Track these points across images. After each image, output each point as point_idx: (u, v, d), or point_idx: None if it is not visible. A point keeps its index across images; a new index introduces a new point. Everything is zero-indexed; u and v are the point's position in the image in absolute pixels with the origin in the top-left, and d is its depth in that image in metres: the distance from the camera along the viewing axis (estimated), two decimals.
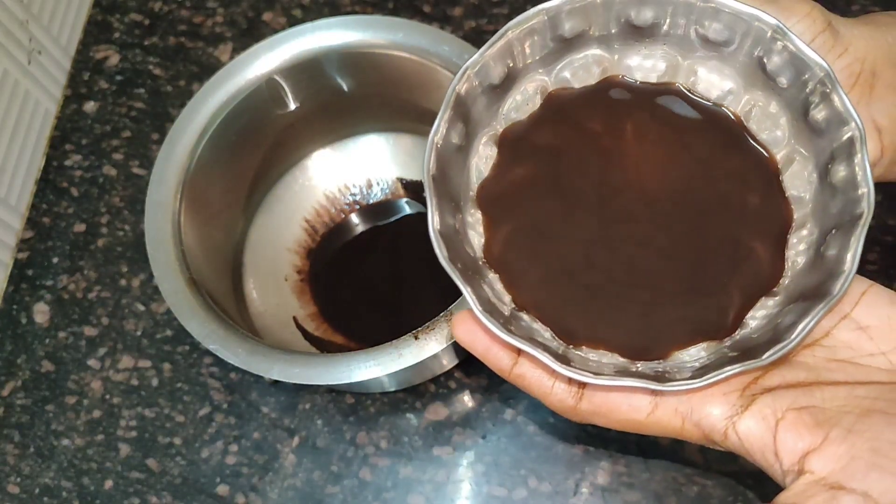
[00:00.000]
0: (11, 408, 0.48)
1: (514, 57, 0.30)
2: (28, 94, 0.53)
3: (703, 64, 0.31)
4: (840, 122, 0.28)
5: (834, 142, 0.28)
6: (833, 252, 0.27)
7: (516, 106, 0.32)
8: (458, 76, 0.29)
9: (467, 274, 0.28)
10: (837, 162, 0.28)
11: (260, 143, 0.48)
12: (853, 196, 0.27)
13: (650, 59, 0.31)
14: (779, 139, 0.30)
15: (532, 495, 0.44)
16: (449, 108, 0.29)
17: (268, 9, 0.57)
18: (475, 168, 0.31)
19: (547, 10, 0.30)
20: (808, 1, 0.30)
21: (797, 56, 0.28)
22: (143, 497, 0.46)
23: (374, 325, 0.48)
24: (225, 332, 0.39)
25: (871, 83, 0.30)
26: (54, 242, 0.52)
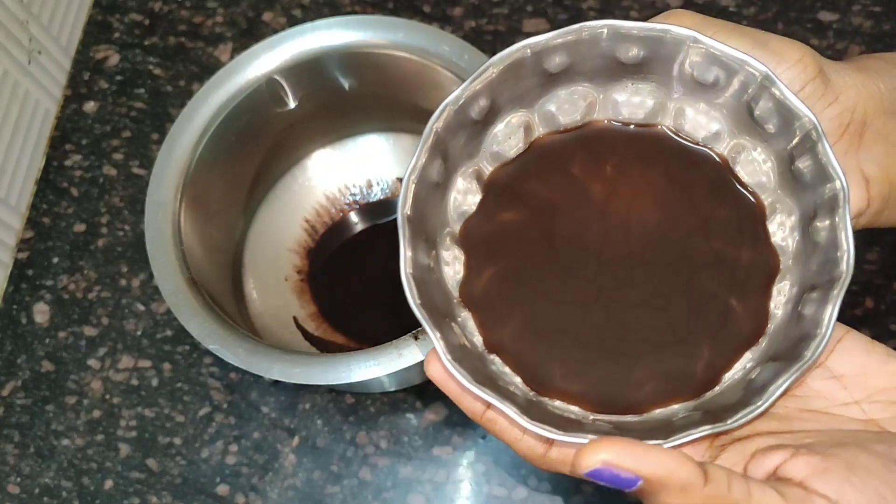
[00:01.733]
0: (11, 408, 0.48)
1: (497, 92, 0.30)
2: (28, 94, 0.53)
3: (690, 104, 0.30)
4: (825, 177, 0.27)
5: (818, 196, 0.27)
6: (810, 312, 0.27)
7: (498, 140, 0.31)
8: (437, 113, 0.28)
9: (437, 317, 0.27)
10: (820, 217, 0.27)
11: (260, 143, 0.48)
12: (833, 256, 0.27)
13: (638, 96, 0.31)
14: (764, 185, 0.30)
15: (532, 495, 0.44)
16: (427, 146, 0.28)
17: (268, 9, 0.57)
18: (453, 202, 0.30)
19: (531, 45, 0.29)
20: (801, 46, 0.29)
21: (785, 105, 0.28)
22: (143, 497, 0.46)
23: (374, 325, 0.48)
24: (225, 332, 0.39)
25: (860, 132, 0.30)
26: (54, 242, 0.52)
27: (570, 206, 0.30)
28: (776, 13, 0.53)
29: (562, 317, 0.29)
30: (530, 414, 0.26)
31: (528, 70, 0.30)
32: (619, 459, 0.23)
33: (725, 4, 0.54)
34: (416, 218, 0.28)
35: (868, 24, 0.53)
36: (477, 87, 0.29)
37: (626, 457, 0.23)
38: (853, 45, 0.52)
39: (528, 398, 0.28)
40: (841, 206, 0.27)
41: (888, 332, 0.45)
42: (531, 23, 0.55)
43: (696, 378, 0.28)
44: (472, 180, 0.31)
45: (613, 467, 0.23)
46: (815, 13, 0.53)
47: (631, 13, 0.54)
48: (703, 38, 0.28)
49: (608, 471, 0.23)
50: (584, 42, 0.29)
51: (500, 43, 0.54)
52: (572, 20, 0.54)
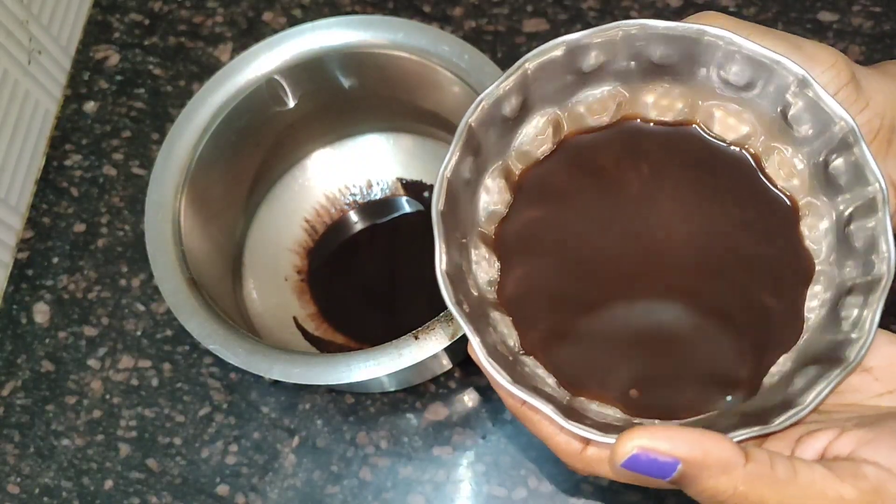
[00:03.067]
0: (11, 408, 0.48)
1: (530, 89, 0.30)
2: (28, 94, 0.53)
3: (721, 107, 0.30)
4: (862, 180, 0.27)
5: (854, 199, 0.27)
6: (850, 315, 0.26)
7: (528, 139, 0.31)
8: (472, 108, 0.28)
9: (472, 315, 0.27)
10: (857, 220, 0.27)
11: (260, 143, 0.48)
12: (873, 258, 0.26)
13: (667, 98, 0.30)
14: (795, 188, 0.29)
15: (532, 495, 0.44)
16: (461, 141, 0.28)
17: (268, 9, 0.57)
18: (482, 202, 0.30)
19: (567, 42, 0.29)
20: (834, 51, 0.29)
21: (822, 108, 0.27)
22: (143, 497, 0.46)
23: (374, 324, 0.48)
24: (225, 332, 0.39)
25: (889, 139, 0.30)
26: (54, 242, 0.52)
27: (602, 206, 0.30)
28: (776, 13, 0.53)
29: (597, 319, 0.29)
30: (568, 414, 0.25)
31: (562, 67, 0.29)
32: (655, 443, 0.22)
33: (725, 4, 0.54)
34: (449, 214, 0.28)
35: (868, 24, 0.53)
36: (511, 83, 0.29)
37: (662, 440, 0.22)
38: (853, 46, 0.52)
39: (564, 399, 0.27)
40: (880, 209, 0.26)
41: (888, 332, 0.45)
42: (531, 23, 0.55)
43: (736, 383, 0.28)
44: (500, 179, 0.30)
45: (650, 451, 0.22)
46: (815, 13, 0.53)
47: (631, 13, 0.54)
48: (739, 40, 0.28)
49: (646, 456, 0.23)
50: (618, 41, 0.29)
51: (500, 43, 0.54)
52: (572, 20, 0.54)
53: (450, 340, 0.37)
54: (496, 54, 0.54)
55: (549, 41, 0.29)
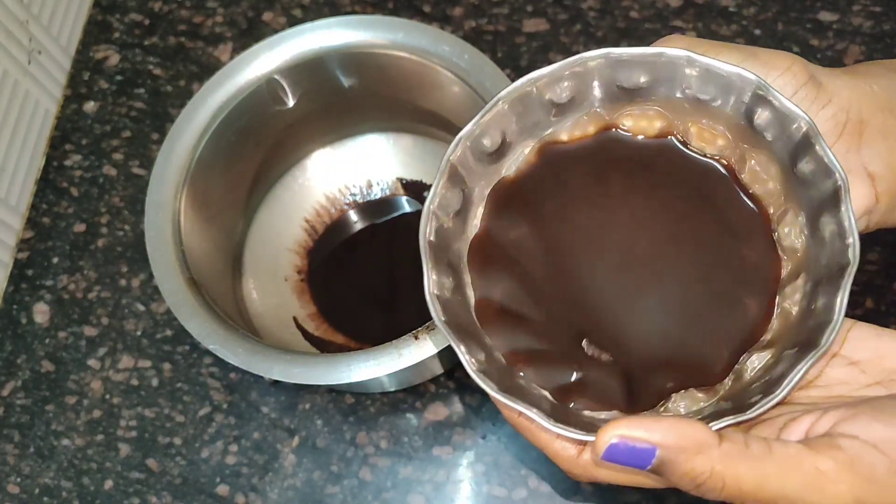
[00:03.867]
0: (11, 408, 0.48)
1: (507, 124, 0.31)
2: (28, 94, 0.53)
3: (694, 122, 0.31)
4: (825, 173, 0.28)
5: (821, 193, 0.28)
6: (821, 303, 0.28)
7: (512, 170, 0.32)
8: (452, 146, 0.30)
9: (463, 333, 0.28)
10: (825, 213, 0.28)
11: (260, 143, 0.48)
12: (840, 246, 0.28)
13: (645, 119, 0.32)
14: (771, 192, 0.30)
15: (532, 495, 0.44)
16: (444, 176, 0.30)
17: (268, 9, 0.57)
18: (472, 229, 0.32)
19: (535, 79, 0.30)
20: (789, 55, 0.30)
21: (780, 110, 0.29)
22: (143, 497, 0.46)
23: (374, 324, 0.48)
24: (225, 332, 0.39)
25: (859, 131, 0.30)
26: (54, 242, 0.52)
27: (578, 217, 0.31)
28: (776, 13, 0.53)
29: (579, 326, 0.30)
30: (557, 418, 0.26)
31: (536, 102, 0.31)
32: (631, 431, 0.24)
33: (725, 4, 0.54)
34: (439, 244, 0.30)
35: (868, 24, 0.53)
36: (487, 120, 0.31)
37: (638, 428, 0.24)
38: (853, 45, 0.52)
39: (554, 404, 0.29)
40: (843, 198, 0.27)
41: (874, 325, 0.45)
42: (531, 23, 0.55)
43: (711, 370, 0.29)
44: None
45: (628, 440, 0.24)
46: (815, 13, 0.53)
47: (631, 13, 0.54)
48: (697, 57, 0.29)
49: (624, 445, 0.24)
50: (585, 72, 0.30)
51: (500, 43, 0.54)
52: (572, 20, 0.54)
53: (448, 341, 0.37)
54: (496, 54, 0.54)
55: (519, 79, 0.30)
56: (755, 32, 0.53)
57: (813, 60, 0.53)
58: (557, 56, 0.54)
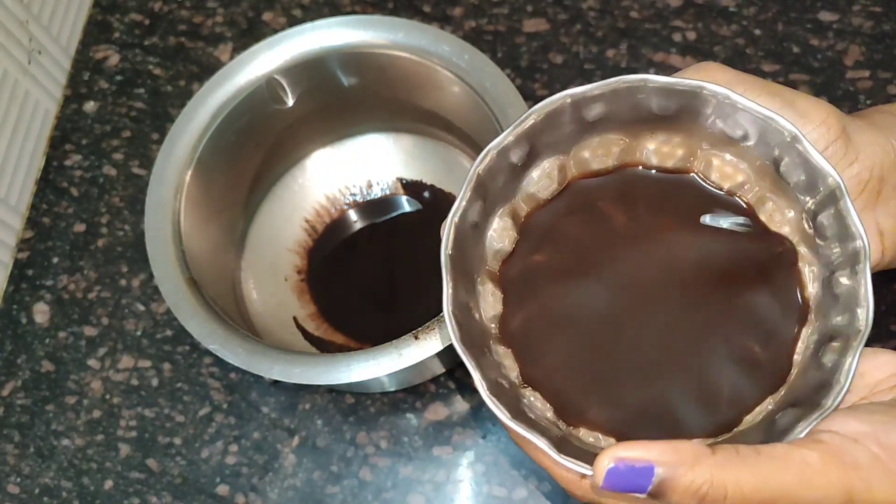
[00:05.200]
0: (11, 408, 0.48)
1: (536, 138, 0.31)
2: (28, 94, 0.53)
3: (718, 156, 0.31)
4: (847, 235, 0.28)
5: (839, 251, 0.29)
6: (829, 361, 0.28)
7: (534, 182, 0.32)
8: (480, 158, 0.30)
9: (476, 352, 0.29)
10: (841, 272, 0.29)
11: (260, 143, 0.48)
12: (853, 309, 0.28)
13: (668, 146, 0.32)
14: (787, 236, 0.31)
15: (532, 495, 0.44)
16: (470, 189, 0.30)
17: (268, 9, 0.57)
18: (489, 241, 0.32)
19: (572, 95, 0.30)
20: (826, 107, 0.31)
21: (811, 164, 0.29)
22: (143, 497, 0.46)
23: (374, 324, 0.48)
24: (225, 332, 0.39)
25: (878, 189, 0.31)
26: (54, 242, 0.52)
27: (603, 248, 0.32)
28: (776, 13, 0.53)
29: (594, 355, 0.30)
30: (563, 448, 0.27)
31: (567, 118, 0.31)
32: (629, 452, 0.24)
33: (725, 4, 0.54)
34: (457, 256, 0.30)
35: (868, 25, 0.53)
36: (518, 134, 0.31)
37: (636, 448, 0.25)
38: (853, 45, 0.52)
39: (560, 432, 0.29)
40: (862, 263, 0.28)
41: (888, 332, 0.45)
42: (531, 23, 0.55)
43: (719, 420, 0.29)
44: (508, 219, 0.32)
45: (626, 460, 0.24)
46: (816, 13, 0.53)
47: (631, 13, 0.54)
48: (735, 97, 0.29)
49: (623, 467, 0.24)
50: (620, 93, 0.30)
51: (500, 43, 0.54)
52: (572, 20, 0.54)
53: (450, 341, 0.37)
54: (496, 54, 0.54)
55: (555, 94, 0.30)
56: (755, 32, 0.53)
57: (813, 60, 0.53)
58: (557, 56, 0.54)
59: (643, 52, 0.53)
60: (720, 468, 0.24)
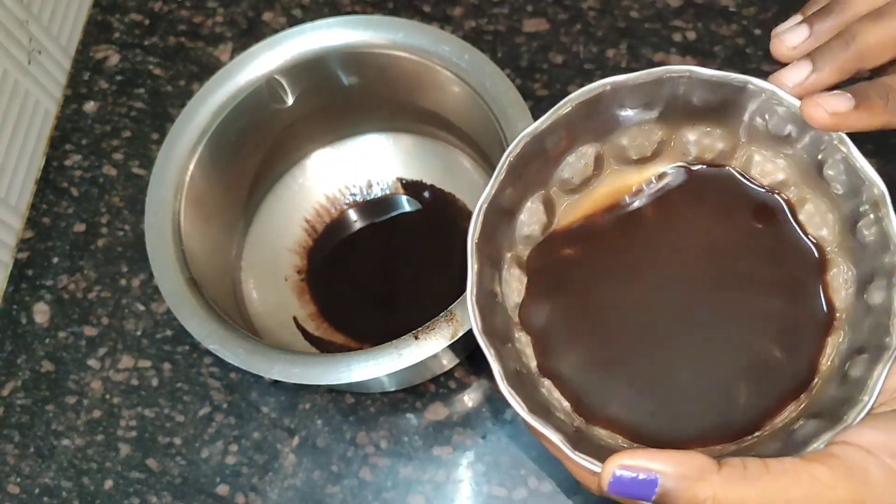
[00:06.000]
0: (11, 408, 0.48)
1: (572, 126, 0.30)
2: (28, 94, 0.53)
3: (759, 152, 0.31)
4: (886, 245, 0.27)
5: (878, 262, 0.28)
6: (856, 374, 0.27)
7: (570, 168, 0.32)
8: (513, 145, 0.29)
9: (497, 341, 0.28)
10: (877, 282, 0.28)
11: (260, 143, 0.48)
12: (886, 323, 0.27)
13: (708, 138, 0.31)
14: (824, 238, 0.30)
15: (532, 495, 0.44)
16: (501, 176, 0.29)
17: (268, 9, 0.57)
18: (520, 226, 0.31)
19: (613, 83, 0.29)
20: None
21: (855, 170, 0.28)
22: (143, 497, 0.46)
23: (374, 324, 0.48)
24: (225, 332, 0.39)
25: None
26: (54, 242, 0.52)
27: (634, 243, 0.31)
28: (776, 13, 0.53)
29: (615, 351, 0.30)
30: (577, 443, 0.27)
31: (605, 107, 0.30)
32: (634, 461, 0.24)
33: (725, 4, 0.54)
34: (484, 242, 0.29)
35: None
36: (553, 121, 0.30)
37: (641, 458, 0.24)
38: None
39: (576, 428, 0.29)
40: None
41: None
42: (531, 23, 0.55)
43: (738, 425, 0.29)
44: (540, 205, 0.32)
45: (632, 468, 0.24)
46: None
47: (631, 13, 0.54)
48: (781, 94, 0.29)
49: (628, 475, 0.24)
50: (663, 84, 0.30)
51: (500, 43, 0.54)
52: (572, 20, 0.54)
53: (450, 340, 0.37)
54: (496, 54, 0.54)
55: (595, 81, 0.29)
56: (755, 32, 0.53)
57: None
58: (557, 56, 0.54)
59: (643, 51, 0.53)
60: (724, 484, 0.24)
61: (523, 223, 0.31)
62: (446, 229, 0.49)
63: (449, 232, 0.49)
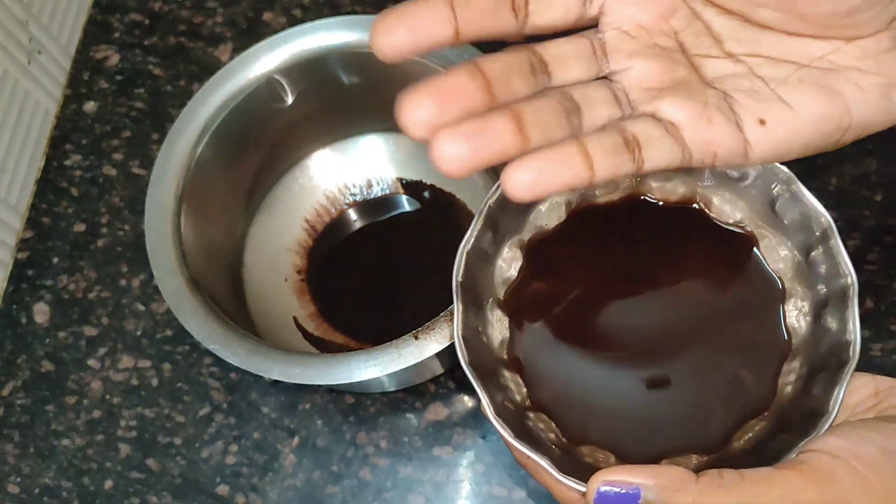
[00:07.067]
0: (11, 408, 0.48)
1: None
2: (28, 94, 0.53)
3: (717, 193, 0.33)
4: (837, 273, 0.30)
5: (829, 288, 0.30)
6: (818, 391, 0.29)
7: (541, 215, 0.34)
8: (491, 192, 0.32)
9: (484, 374, 0.30)
10: (831, 307, 0.30)
11: (260, 143, 0.48)
12: (842, 342, 0.29)
13: (670, 183, 0.34)
14: (781, 271, 0.32)
15: (532, 495, 0.44)
16: (482, 220, 0.32)
17: (268, 9, 0.57)
18: (499, 269, 0.33)
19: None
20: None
21: (804, 204, 0.31)
22: (143, 497, 0.46)
23: (374, 324, 0.48)
24: (225, 332, 0.39)
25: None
26: (54, 242, 0.52)
27: (604, 274, 0.33)
28: None
29: (595, 378, 0.32)
30: (564, 467, 0.28)
31: None
32: (616, 476, 0.26)
33: None
34: (468, 284, 0.31)
35: None
36: None
37: (622, 473, 0.26)
38: None
39: (562, 452, 0.30)
40: (850, 299, 0.29)
41: (888, 332, 0.45)
42: None
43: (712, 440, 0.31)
44: (516, 250, 0.34)
45: (614, 484, 0.26)
46: None
47: None
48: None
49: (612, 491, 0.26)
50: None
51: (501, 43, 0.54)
52: None
53: (450, 340, 0.37)
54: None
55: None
56: None
57: None
58: None
59: None
60: (703, 493, 0.25)
61: (502, 267, 0.34)
62: (446, 229, 0.49)
63: (449, 232, 0.49)
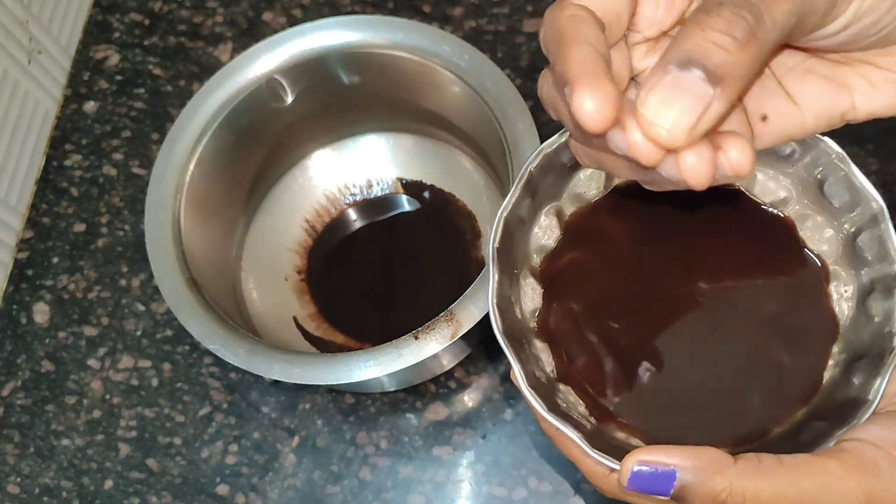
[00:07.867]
0: (11, 408, 0.48)
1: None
2: (28, 94, 0.53)
3: (762, 171, 0.32)
4: (886, 257, 0.29)
5: (877, 273, 0.29)
6: (859, 380, 0.28)
7: (581, 183, 0.33)
8: (533, 156, 0.31)
9: (514, 342, 0.29)
10: (876, 293, 0.29)
11: (260, 143, 0.48)
12: (887, 330, 0.28)
13: None
14: (825, 252, 0.31)
15: (532, 495, 0.44)
16: (521, 186, 0.31)
17: (268, 9, 0.57)
18: (535, 237, 0.33)
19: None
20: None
21: (855, 186, 0.29)
22: (143, 497, 0.46)
23: (374, 324, 0.48)
24: (225, 332, 0.39)
25: None
26: (54, 242, 0.52)
27: (644, 251, 0.32)
28: None
29: (628, 356, 0.31)
30: (594, 442, 0.27)
31: None
32: (652, 456, 0.25)
33: None
34: (504, 250, 0.30)
35: None
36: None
37: (658, 453, 0.25)
38: None
39: (592, 427, 0.30)
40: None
41: None
42: (531, 23, 0.55)
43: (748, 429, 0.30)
44: (553, 217, 0.33)
45: (650, 463, 0.25)
46: None
47: None
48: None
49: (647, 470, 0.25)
50: None
51: (500, 43, 0.54)
52: None
53: (450, 340, 0.37)
54: (496, 54, 0.54)
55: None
56: None
57: None
58: None
59: None
60: (740, 477, 0.25)
61: (538, 234, 0.33)
62: (446, 229, 0.49)
63: (449, 232, 0.49)
